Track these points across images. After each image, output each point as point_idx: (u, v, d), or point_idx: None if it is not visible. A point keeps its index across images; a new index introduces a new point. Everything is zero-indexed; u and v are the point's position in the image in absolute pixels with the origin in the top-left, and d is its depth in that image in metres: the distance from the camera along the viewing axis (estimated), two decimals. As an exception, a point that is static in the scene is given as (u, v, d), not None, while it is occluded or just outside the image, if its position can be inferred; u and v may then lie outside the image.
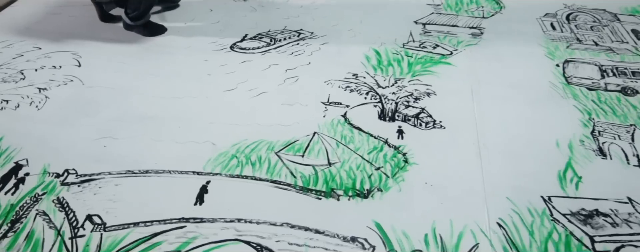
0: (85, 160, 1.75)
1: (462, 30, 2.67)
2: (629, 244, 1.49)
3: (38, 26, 2.72)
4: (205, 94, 2.11)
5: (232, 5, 2.92)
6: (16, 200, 1.59)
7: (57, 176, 1.68)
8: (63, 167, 1.71)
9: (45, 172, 1.70)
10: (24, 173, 1.70)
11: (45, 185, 1.65)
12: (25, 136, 1.87)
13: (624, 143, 1.90)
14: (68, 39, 2.57)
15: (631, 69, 2.37)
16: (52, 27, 2.70)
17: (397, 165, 1.75)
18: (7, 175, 1.69)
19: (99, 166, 1.72)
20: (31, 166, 1.73)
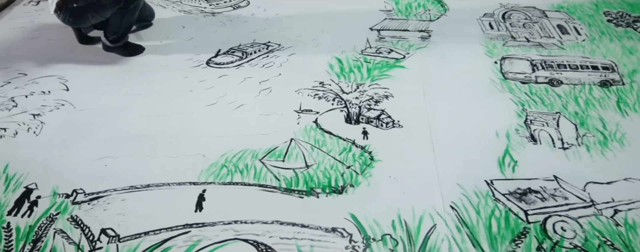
0: (90, 179, 1.91)
1: (413, 34, 2.93)
2: (554, 214, 1.80)
3: (19, 52, 2.80)
4: (189, 110, 2.29)
5: (202, 21, 3.07)
6: (33, 221, 1.75)
7: (67, 196, 1.84)
8: (71, 188, 1.87)
9: (55, 193, 1.86)
10: (36, 196, 1.85)
11: (57, 205, 1.81)
12: (29, 161, 2.01)
13: (550, 129, 2.21)
14: (51, 64, 2.67)
15: (557, 62, 2.69)
16: (33, 52, 2.79)
17: (365, 163, 2.00)
18: (20, 199, 1.84)
19: (104, 183, 1.89)
20: (41, 189, 1.88)
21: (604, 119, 2.30)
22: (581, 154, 2.08)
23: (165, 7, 3.22)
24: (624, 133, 2.22)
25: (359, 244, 1.67)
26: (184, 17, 3.11)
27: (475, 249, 1.66)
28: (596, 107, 2.38)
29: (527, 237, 1.71)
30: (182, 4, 3.25)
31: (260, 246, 1.64)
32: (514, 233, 1.73)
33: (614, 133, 2.22)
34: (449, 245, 1.67)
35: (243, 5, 3.24)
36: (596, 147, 2.13)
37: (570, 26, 3.08)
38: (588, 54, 2.81)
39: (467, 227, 1.73)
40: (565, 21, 3.13)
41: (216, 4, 3.23)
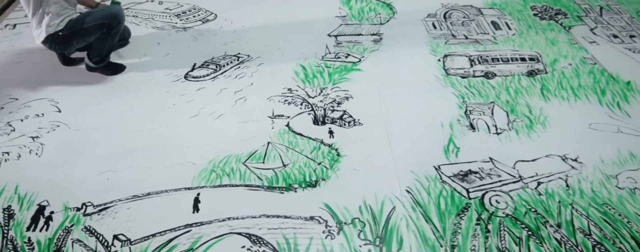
0: (96, 192, 2.12)
1: (366, 38, 3.21)
2: (490, 189, 2.14)
3: (6, 77, 2.92)
4: (175, 123, 2.51)
5: (175, 36, 3.26)
6: (51, 234, 1.96)
7: (77, 210, 2.05)
8: (80, 202, 2.08)
9: (67, 208, 2.06)
10: (49, 212, 2.05)
11: (70, 218, 2.02)
12: (37, 181, 2.20)
13: (486, 117, 2.55)
14: (40, 87, 2.82)
15: (491, 56, 3.03)
16: (20, 76, 2.91)
17: (333, 159, 2.29)
18: (35, 216, 2.03)
19: (109, 195, 2.11)
20: (53, 205, 2.08)
21: (530, 105, 2.66)
22: (512, 138, 2.44)
23: (138, 24, 3.38)
24: (546, 116, 2.58)
25: (334, 228, 1.96)
26: (158, 34, 3.28)
27: (428, 225, 1.99)
28: (524, 95, 2.74)
29: (469, 210, 2.05)
30: (154, 20, 3.42)
31: (252, 237, 1.91)
32: (459, 208, 2.06)
33: (538, 117, 2.58)
34: (407, 222, 1.99)
35: (211, 19, 3.43)
36: (524, 130, 2.48)
37: (503, 22, 3.43)
38: (517, 47, 3.17)
39: (421, 207, 2.05)
40: (498, 17, 3.48)
41: (186, 19, 3.41)
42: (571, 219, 2.03)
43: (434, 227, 1.97)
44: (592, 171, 2.26)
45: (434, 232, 1.95)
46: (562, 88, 2.80)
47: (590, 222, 2.02)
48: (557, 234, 1.97)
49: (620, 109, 2.66)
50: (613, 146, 2.40)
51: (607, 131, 2.50)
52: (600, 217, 2.04)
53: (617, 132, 2.50)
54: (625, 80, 2.89)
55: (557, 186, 2.17)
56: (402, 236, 1.93)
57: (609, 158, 2.33)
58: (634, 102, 2.72)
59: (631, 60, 3.09)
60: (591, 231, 1.98)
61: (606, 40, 3.29)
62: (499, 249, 1.90)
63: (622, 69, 3.00)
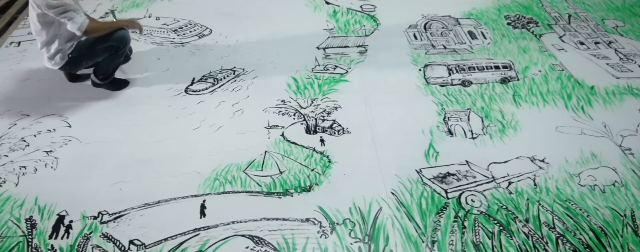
0: (110, 202, 2.31)
1: (352, 49, 3.43)
2: (466, 190, 2.37)
3: (15, 94, 3.08)
4: (178, 135, 2.70)
5: (173, 51, 3.44)
6: (72, 241, 2.14)
7: (94, 218, 2.24)
8: (96, 211, 2.27)
9: (84, 217, 2.25)
10: (69, 221, 2.23)
11: (88, 226, 2.21)
12: (54, 192, 2.38)
13: (463, 123, 2.78)
14: (49, 103, 2.98)
15: (467, 65, 3.27)
16: (29, 93, 3.08)
17: (324, 165, 2.50)
18: (55, 225, 2.22)
19: (122, 204, 2.30)
20: (71, 214, 2.26)
21: (503, 111, 2.89)
22: (486, 142, 2.67)
23: (138, 40, 3.55)
24: (517, 121, 2.82)
25: (327, 228, 2.18)
26: (157, 49, 3.46)
27: (411, 223, 2.21)
28: (497, 101, 2.98)
29: (448, 209, 2.28)
30: (153, 36, 3.60)
31: (254, 238, 2.12)
32: (438, 208, 2.29)
33: (510, 121, 2.82)
34: (392, 222, 2.21)
35: (206, 33, 3.62)
36: (497, 134, 2.72)
37: (479, 31, 3.67)
38: (492, 55, 3.40)
39: (404, 207, 2.28)
40: (474, 27, 3.71)
41: (183, 34, 3.60)
42: (538, 215, 2.27)
43: (416, 225, 2.20)
44: (557, 170, 2.50)
45: (416, 230, 2.18)
46: (533, 94, 3.05)
47: (554, 217, 2.26)
48: (525, 228, 2.20)
49: (584, 112, 2.91)
50: (576, 147, 2.65)
51: (572, 133, 2.75)
52: (564, 212, 2.28)
53: (580, 134, 2.74)
54: (589, 85, 3.14)
55: (526, 185, 2.41)
56: (388, 233, 2.16)
57: (573, 158, 2.58)
58: (597, 105, 2.97)
59: (596, 66, 3.35)
60: (555, 224, 2.23)
61: (573, 47, 3.54)
62: (474, 243, 2.13)
63: (587, 74, 3.25)
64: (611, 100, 3.01)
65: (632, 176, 2.48)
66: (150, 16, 3.84)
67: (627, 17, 3.95)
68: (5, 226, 2.21)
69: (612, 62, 3.38)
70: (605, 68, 3.32)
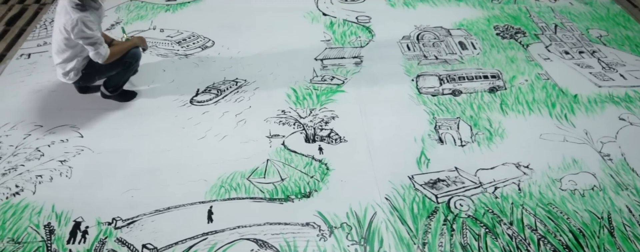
0: (123, 208, 2.47)
1: (348, 60, 3.59)
2: (455, 195, 2.54)
3: (28, 105, 3.23)
4: (185, 144, 2.86)
5: (178, 63, 3.60)
6: (89, 246, 2.30)
7: (108, 224, 2.40)
8: (110, 217, 2.43)
9: (99, 223, 2.41)
10: (85, 227, 2.39)
11: (103, 232, 2.37)
12: (70, 200, 2.53)
13: (453, 131, 2.95)
14: (60, 113, 3.13)
15: (458, 75, 3.44)
16: (42, 104, 3.22)
17: (323, 172, 2.67)
18: (73, 231, 2.38)
19: (134, 210, 2.46)
20: (87, 220, 2.42)
21: (491, 119, 3.07)
22: (474, 149, 2.84)
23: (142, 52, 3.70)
24: (504, 129, 3.00)
25: (326, 232, 2.35)
26: (162, 61, 3.62)
27: (404, 226, 2.38)
28: (485, 110, 3.15)
29: (438, 213, 2.45)
30: (158, 48, 3.75)
31: (259, 242, 2.29)
32: (429, 212, 2.46)
33: (497, 129, 2.99)
34: (386, 225, 2.38)
35: (209, 45, 3.78)
36: (484, 142, 2.89)
37: (469, 42, 3.84)
38: (481, 65, 3.58)
39: (398, 211, 2.45)
40: (464, 38, 3.89)
41: (187, 46, 3.76)
42: (521, 218, 2.44)
43: (408, 228, 2.37)
44: (540, 175, 2.68)
45: (408, 233, 2.35)
46: (519, 103, 3.22)
47: (536, 220, 2.43)
48: (509, 230, 2.38)
49: (567, 120, 3.09)
50: (559, 154, 2.82)
51: (555, 140, 2.93)
52: (545, 215, 2.46)
53: (563, 141, 2.92)
54: (573, 93, 3.32)
55: (511, 190, 2.58)
56: (383, 236, 2.33)
57: (555, 164, 2.75)
58: (579, 113, 3.15)
59: (579, 75, 3.53)
60: (537, 227, 2.40)
61: (559, 56, 3.72)
62: (462, 245, 2.30)
63: (571, 83, 3.43)
64: (593, 108, 3.19)
65: (610, 181, 2.66)
66: (154, 28, 4.00)
67: (611, 26, 4.13)
68: (25, 232, 2.37)
69: (595, 71, 3.56)
70: (588, 77, 3.49)
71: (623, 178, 2.68)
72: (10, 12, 4.50)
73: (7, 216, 2.45)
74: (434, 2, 4.40)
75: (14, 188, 2.61)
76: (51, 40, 2.97)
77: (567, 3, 4.48)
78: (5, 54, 3.89)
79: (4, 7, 4.56)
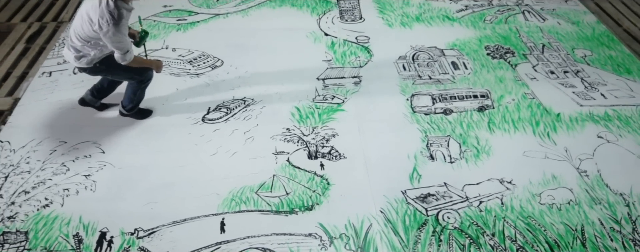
0: (144, 220, 2.76)
1: (348, 80, 3.88)
2: (443, 208, 2.82)
3: (52, 122, 3.51)
4: (199, 160, 3.15)
5: (190, 81, 3.89)
6: (114, 253, 2.60)
7: (131, 234, 2.68)
8: (133, 227, 2.71)
9: (123, 233, 2.69)
10: (110, 237, 2.68)
11: (127, 241, 2.65)
12: (95, 212, 2.82)
13: (443, 149, 3.23)
14: (82, 130, 3.41)
15: (449, 95, 3.72)
16: (64, 121, 3.50)
17: (324, 187, 2.95)
18: (99, 240, 2.66)
19: (154, 222, 2.74)
20: (111, 231, 2.71)
21: (479, 137, 3.35)
22: (462, 165, 3.12)
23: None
24: (490, 146, 3.28)
25: (326, 242, 2.63)
26: (176, 80, 3.91)
27: (396, 237, 2.66)
28: (474, 128, 3.43)
29: (427, 225, 2.73)
30: (171, 67, 4.04)
31: (266, 250, 2.57)
32: (419, 224, 2.74)
33: (484, 147, 3.27)
34: (381, 236, 2.66)
35: (219, 65, 4.07)
36: (472, 159, 3.17)
37: (461, 62, 4.12)
38: (472, 84, 3.86)
39: (391, 223, 2.73)
40: (457, 58, 4.17)
41: (198, 65, 4.05)
42: (503, 229, 2.72)
43: (400, 239, 2.65)
44: (521, 190, 2.96)
45: (400, 243, 2.63)
46: (505, 121, 3.50)
47: (516, 232, 2.71)
48: (491, 241, 2.66)
49: (549, 138, 3.37)
50: (540, 170, 3.10)
51: (537, 157, 3.21)
52: (525, 227, 2.74)
53: (544, 158, 3.20)
54: (556, 112, 3.60)
55: (494, 204, 2.86)
56: (377, 246, 2.61)
57: (536, 180, 3.03)
58: (561, 131, 3.43)
59: (563, 94, 3.81)
60: (517, 238, 2.68)
61: (544, 76, 4.00)
62: (448, 254, 2.58)
63: (555, 102, 3.71)
64: (574, 127, 3.47)
65: (585, 195, 2.94)
66: (167, 47, 4.29)
67: (595, 46, 4.41)
68: (56, 241, 2.65)
69: (577, 91, 3.84)
70: (571, 96, 3.78)
71: (597, 193, 2.96)
72: (29, 29, 4.79)
73: (38, 226, 2.74)
74: (429, 22, 4.69)
75: (44, 201, 2.89)
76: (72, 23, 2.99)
77: (555, 23, 4.77)
78: (28, 71, 4.18)
79: (24, 25, 4.86)
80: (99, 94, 3.50)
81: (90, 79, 3.48)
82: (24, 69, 4.19)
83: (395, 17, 4.75)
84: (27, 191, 2.94)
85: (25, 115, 3.56)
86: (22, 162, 3.14)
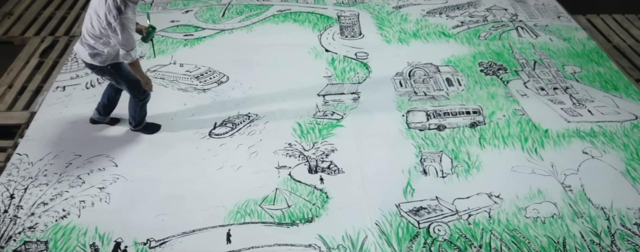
0: (155, 231, 2.98)
1: (347, 96, 4.10)
2: (435, 221, 3.04)
3: (67, 136, 3.74)
4: (206, 174, 3.37)
5: (197, 97, 4.11)
6: (129, 261, 2.82)
7: (144, 244, 2.91)
8: (145, 238, 2.93)
9: (136, 243, 2.91)
10: (124, 246, 2.90)
11: (140, 251, 2.87)
12: (110, 223, 3.04)
13: (436, 164, 3.45)
14: (96, 144, 3.64)
15: (443, 111, 3.93)
16: (79, 135, 3.73)
17: (323, 200, 3.17)
18: (114, 250, 2.88)
19: (165, 232, 2.96)
20: (125, 241, 2.93)
21: (470, 153, 3.56)
22: (453, 180, 3.34)
23: (166, 86, 4.23)
24: (480, 161, 3.49)
25: (325, 253, 2.86)
26: (183, 95, 4.13)
27: (390, 248, 2.88)
28: (466, 144, 3.64)
29: (419, 237, 2.94)
30: (178, 82, 4.27)
31: (269, 261, 2.79)
32: (412, 236, 2.95)
33: (475, 162, 3.48)
34: (375, 247, 2.88)
35: (224, 80, 4.29)
36: (463, 173, 3.39)
37: (455, 78, 4.34)
38: (464, 101, 4.08)
39: (385, 235, 2.94)
40: (451, 74, 4.39)
41: (204, 81, 4.28)
42: (489, 242, 2.93)
43: (394, 250, 2.86)
44: (508, 204, 3.17)
45: (393, 254, 2.85)
46: (495, 137, 3.72)
47: (502, 244, 2.92)
48: (478, 252, 2.87)
49: (537, 153, 3.58)
50: (526, 185, 3.31)
51: (524, 172, 3.42)
52: (510, 240, 2.95)
53: (531, 173, 3.41)
54: (544, 128, 3.81)
55: (482, 217, 3.08)
56: (372, 257, 2.83)
57: (522, 194, 3.24)
58: (548, 147, 3.64)
59: (552, 110, 4.02)
60: (502, 249, 2.89)
61: (535, 93, 4.21)
62: (438, 264, 2.80)
63: (544, 118, 3.92)
64: (561, 143, 3.68)
65: (568, 209, 3.15)
66: (175, 63, 4.52)
67: (585, 63, 4.62)
68: (75, 251, 2.88)
69: (566, 107, 4.05)
70: (559, 113, 3.99)
71: (580, 207, 3.17)
72: (43, 44, 5.04)
73: (57, 236, 2.96)
74: (426, 39, 4.91)
75: (62, 212, 3.11)
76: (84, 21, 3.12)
77: (548, 39, 4.98)
78: (43, 85, 4.42)
79: (37, 39, 5.10)
80: (104, 110, 3.73)
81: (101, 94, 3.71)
82: (39, 83, 4.43)
83: (394, 33, 4.97)
84: (46, 203, 3.17)
85: (41, 129, 3.79)
86: (40, 174, 3.37)
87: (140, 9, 5.27)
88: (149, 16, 3.50)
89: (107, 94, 3.63)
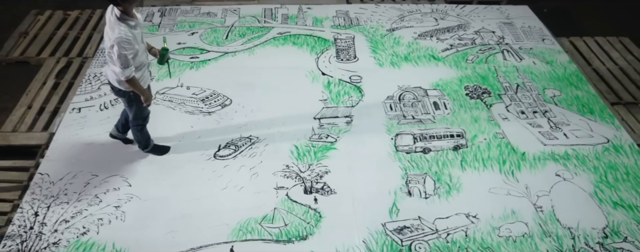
0: (166, 247, 3.36)
1: (341, 119, 4.47)
2: (416, 239, 3.41)
3: (84, 156, 4.12)
4: (212, 194, 3.75)
5: (203, 119, 4.49)
6: (143, 275, 3.20)
7: (157, 258, 3.30)
8: (157, 253, 3.33)
9: (149, 257, 3.31)
10: (139, 260, 3.29)
11: (153, 264, 3.26)
12: (125, 239, 3.42)
13: (419, 185, 3.82)
14: (111, 165, 4.02)
15: (429, 134, 4.31)
16: (94, 156, 4.11)
17: (316, 219, 3.55)
18: (130, 263, 3.28)
19: (175, 248, 3.35)
20: (140, 255, 3.32)
21: (451, 175, 3.93)
22: (435, 201, 3.71)
23: (174, 108, 4.62)
24: (461, 183, 3.86)
25: (317, 268, 3.24)
26: (190, 118, 4.51)
27: (375, 264, 3.26)
28: (448, 166, 4.02)
29: (402, 254, 3.33)
30: (186, 105, 4.66)
31: (267, 275, 3.18)
32: (395, 253, 3.34)
33: (456, 184, 3.86)
34: (362, 263, 3.27)
35: (228, 103, 4.67)
36: (444, 195, 3.76)
37: (442, 102, 4.71)
38: (449, 124, 4.45)
39: (371, 252, 3.33)
40: (438, 98, 4.75)
41: (209, 104, 4.66)
42: (465, 258, 3.31)
43: (378, 266, 3.25)
44: (484, 224, 3.54)
45: (378, 269, 3.23)
46: (476, 160, 4.09)
47: (476, 260, 3.30)
48: (454, 268, 3.25)
49: (513, 175, 3.95)
50: (501, 205, 3.69)
51: (500, 193, 3.79)
52: (483, 256, 3.33)
53: (507, 195, 3.78)
54: (521, 151, 4.18)
55: (459, 236, 3.45)
56: (359, 272, 3.21)
57: (497, 214, 3.62)
58: (524, 170, 4.01)
59: (530, 134, 4.39)
60: (476, 265, 3.27)
61: (515, 116, 4.58)
62: (417, 279, 3.18)
63: (522, 142, 4.29)
64: (536, 165, 4.05)
65: (538, 229, 3.52)
66: (182, 85, 4.90)
67: (565, 86, 4.99)
68: (95, 264, 3.27)
69: (543, 130, 4.41)
70: (537, 136, 4.35)
71: (549, 227, 3.54)
72: (58, 64, 5.41)
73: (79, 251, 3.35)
74: (416, 62, 5.28)
75: (82, 229, 3.50)
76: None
77: (531, 62, 5.34)
78: (59, 107, 4.80)
79: (53, 60, 5.47)
80: (123, 128, 4.12)
81: (115, 116, 4.09)
82: (56, 104, 4.81)
83: (386, 57, 5.34)
84: (67, 220, 3.55)
85: (60, 150, 4.17)
86: (60, 193, 3.76)
87: (148, 31, 5.66)
88: (164, 39, 3.78)
89: (125, 114, 4.00)
